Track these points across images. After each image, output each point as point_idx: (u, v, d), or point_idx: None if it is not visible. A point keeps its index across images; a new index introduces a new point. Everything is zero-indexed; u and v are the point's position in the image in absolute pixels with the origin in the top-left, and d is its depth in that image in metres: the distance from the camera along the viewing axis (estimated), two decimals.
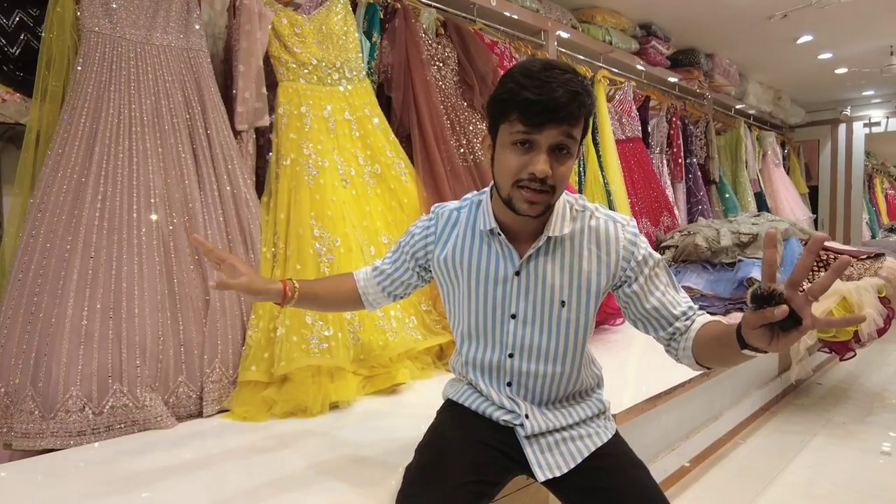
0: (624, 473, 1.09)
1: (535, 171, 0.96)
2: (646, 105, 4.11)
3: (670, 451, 2.11)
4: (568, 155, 0.98)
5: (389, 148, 2.22)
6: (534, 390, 1.14)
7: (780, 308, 0.75)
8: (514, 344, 1.11)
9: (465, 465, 1.07)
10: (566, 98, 0.93)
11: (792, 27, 4.21)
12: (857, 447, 2.48)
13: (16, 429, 1.42)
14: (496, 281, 1.10)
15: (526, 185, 0.98)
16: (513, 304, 1.09)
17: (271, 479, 1.26)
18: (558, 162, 0.97)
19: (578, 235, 1.08)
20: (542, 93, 0.92)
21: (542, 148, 0.96)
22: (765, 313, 0.77)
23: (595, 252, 1.08)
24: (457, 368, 1.25)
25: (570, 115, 0.94)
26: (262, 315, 1.78)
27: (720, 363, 1.04)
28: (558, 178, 0.98)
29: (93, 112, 1.65)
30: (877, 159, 9.48)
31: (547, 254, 1.08)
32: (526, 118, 0.95)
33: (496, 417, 1.15)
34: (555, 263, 1.07)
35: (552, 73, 0.94)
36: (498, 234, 1.09)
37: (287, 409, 1.65)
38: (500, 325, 1.11)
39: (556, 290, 1.07)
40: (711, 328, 1.00)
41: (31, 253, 1.53)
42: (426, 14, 2.54)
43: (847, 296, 2.83)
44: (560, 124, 0.94)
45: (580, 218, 1.10)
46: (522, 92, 0.94)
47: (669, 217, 3.92)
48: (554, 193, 1.00)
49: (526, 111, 0.94)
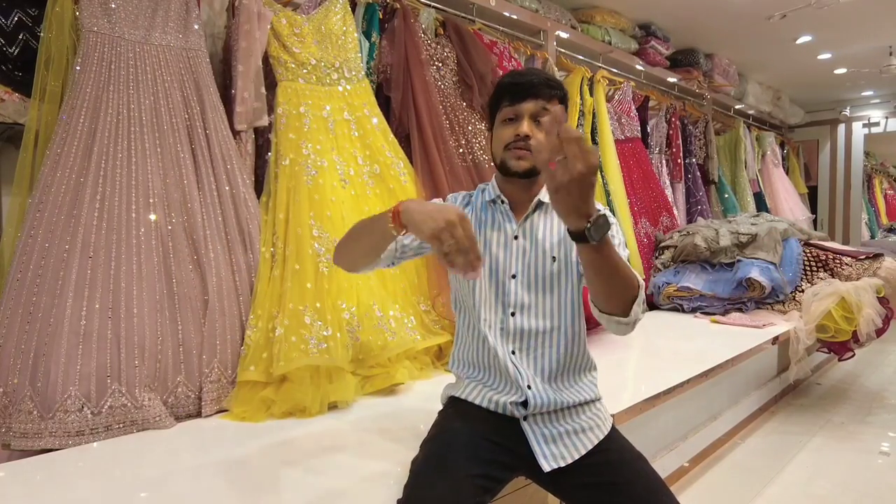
0: (628, 466, 1.11)
1: (520, 130, 1.20)
2: (645, 105, 4.11)
3: (669, 451, 2.12)
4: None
5: (388, 148, 2.22)
6: (535, 355, 1.19)
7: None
8: (515, 302, 1.21)
9: (471, 459, 1.09)
10: (540, 81, 1.21)
11: (791, 27, 4.21)
12: (855, 447, 2.48)
13: (14, 429, 1.42)
14: (499, 245, 1.24)
15: (513, 147, 1.21)
16: (513, 265, 1.22)
17: (270, 480, 1.26)
18: (538, 129, 1.19)
19: None
20: (521, 78, 1.23)
21: (524, 116, 1.21)
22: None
23: None
24: (458, 362, 1.27)
25: (542, 92, 1.20)
26: (260, 315, 1.78)
27: (592, 282, 1.03)
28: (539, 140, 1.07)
29: (91, 112, 1.64)
30: (876, 159, 9.48)
31: (541, 215, 1.25)
32: (510, 96, 1.22)
33: (501, 404, 1.17)
34: (546, 225, 1.24)
35: (531, 71, 1.27)
36: (502, 201, 1.27)
37: (285, 409, 1.65)
38: (503, 286, 1.22)
39: (547, 248, 1.22)
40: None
41: (29, 253, 1.53)
42: (425, 14, 2.54)
43: (845, 296, 2.83)
44: (536, 98, 1.20)
45: None
46: (509, 83, 1.24)
47: (668, 217, 3.93)
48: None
49: (509, 91, 1.22)
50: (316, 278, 1.83)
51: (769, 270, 3.14)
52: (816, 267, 3.31)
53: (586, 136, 3.46)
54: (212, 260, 1.74)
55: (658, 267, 3.62)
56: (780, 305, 3.18)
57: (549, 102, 1.21)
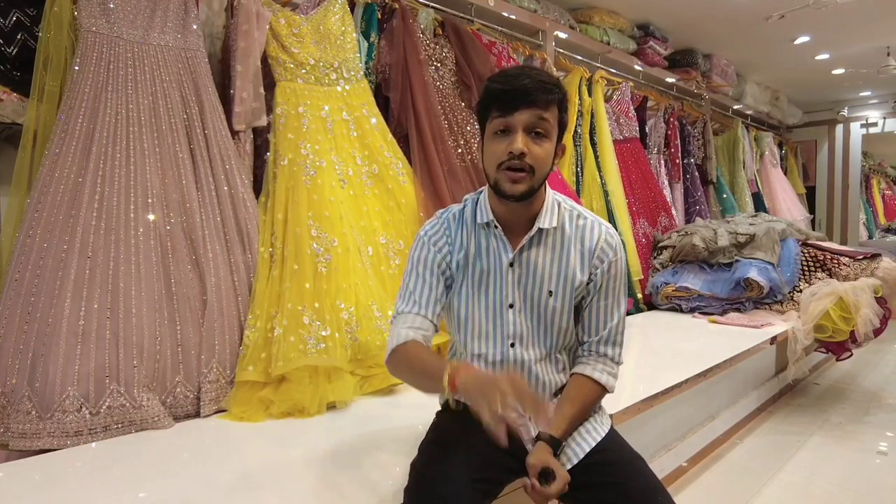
0: (626, 467, 1.11)
1: (513, 148, 1.05)
2: (643, 105, 4.11)
3: (667, 451, 2.12)
4: (544, 137, 1.08)
5: (387, 148, 2.22)
6: (536, 380, 1.19)
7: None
8: (514, 333, 1.17)
9: (471, 463, 1.08)
10: (534, 85, 1.05)
11: (789, 28, 4.22)
12: (853, 447, 2.49)
13: (13, 429, 1.42)
14: (494, 272, 1.17)
15: (508, 166, 1.07)
16: (510, 294, 1.16)
17: (269, 480, 1.26)
18: (535, 143, 1.07)
19: (568, 231, 1.17)
20: (513, 83, 1.06)
21: (518, 129, 1.06)
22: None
23: (579, 249, 1.17)
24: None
25: (539, 100, 1.05)
26: (259, 315, 1.78)
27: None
28: (536, 158, 1.07)
29: (90, 112, 1.64)
30: (874, 160, 9.50)
31: (538, 245, 1.16)
32: (500, 106, 1.06)
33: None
34: (545, 255, 1.16)
35: (523, 71, 1.08)
36: (495, 226, 1.16)
37: (284, 410, 1.65)
38: (500, 316, 1.17)
39: (544, 280, 1.16)
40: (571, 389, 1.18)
41: (27, 253, 1.53)
42: (424, 14, 2.54)
43: (843, 296, 2.83)
44: (530, 107, 1.05)
45: (569, 215, 1.19)
46: (497, 88, 1.07)
47: (667, 217, 3.93)
48: (534, 174, 1.08)
49: (499, 100, 1.06)
50: (315, 278, 1.83)
51: (767, 270, 3.15)
52: (814, 267, 3.32)
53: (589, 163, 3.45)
54: (210, 260, 1.74)
55: (656, 267, 3.62)
56: (779, 305, 3.18)
57: (547, 110, 1.07)
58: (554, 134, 1.09)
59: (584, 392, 1.17)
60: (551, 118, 1.08)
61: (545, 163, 1.09)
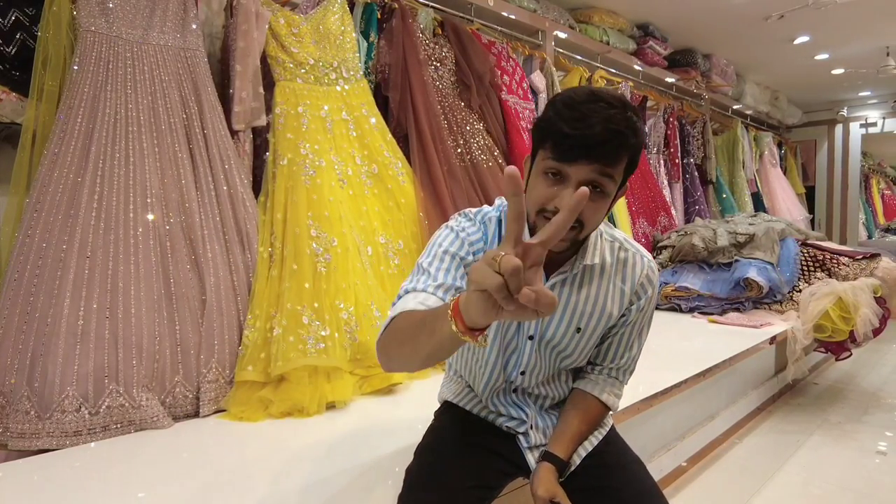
0: (623, 471, 1.10)
1: (561, 205, 0.87)
2: (643, 105, 4.11)
3: (667, 451, 2.12)
4: (602, 194, 0.90)
5: (387, 148, 2.22)
6: (538, 396, 1.17)
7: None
8: (527, 363, 1.10)
9: (466, 468, 1.07)
10: (604, 136, 0.85)
11: (789, 28, 4.22)
12: (852, 447, 2.49)
13: (11, 429, 1.42)
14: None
15: (549, 216, 0.91)
16: (532, 327, 1.06)
17: (268, 480, 1.26)
18: (590, 199, 0.81)
19: (609, 266, 1.06)
20: (578, 127, 0.85)
21: (572, 183, 0.88)
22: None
23: (619, 286, 1.07)
24: (455, 367, 1.25)
25: (607, 153, 0.87)
26: (258, 315, 1.78)
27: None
28: (587, 217, 0.91)
29: (89, 111, 1.64)
30: (873, 160, 9.51)
31: (573, 282, 1.03)
32: (557, 151, 0.88)
33: (499, 423, 1.15)
34: (580, 293, 1.04)
35: (595, 107, 0.86)
36: None
37: (283, 409, 1.65)
38: (517, 346, 1.09)
39: (575, 316, 1.06)
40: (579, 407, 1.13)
41: (27, 253, 1.53)
42: (423, 14, 2.54)
43: (843, 296, 2.84)
44: (593, 162, 0.87)
45: (609, 247, 1.07)
46: (558, 122, 0.87)
47: (666, 217, 3.93)
48: (581, 230, 0.93)
49: (558, 144, 0.87)
50: (314, 278, 1.83)
51: (767, 270, 3.15)
52: (814, 267, 3.32)
53: None
54: (210, 260, 1.74)
55: None
56: (778, 305, 3.18)
57: (615, 165, 0.88)
58: (614, 190, 0.92)
59: (592, 412, 1.13)
60: (616, 171, 0.89)
61: (597, 220, 0.94)
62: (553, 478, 1.04)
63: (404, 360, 0.87)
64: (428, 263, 0.98)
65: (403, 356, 0.87)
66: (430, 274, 0.96)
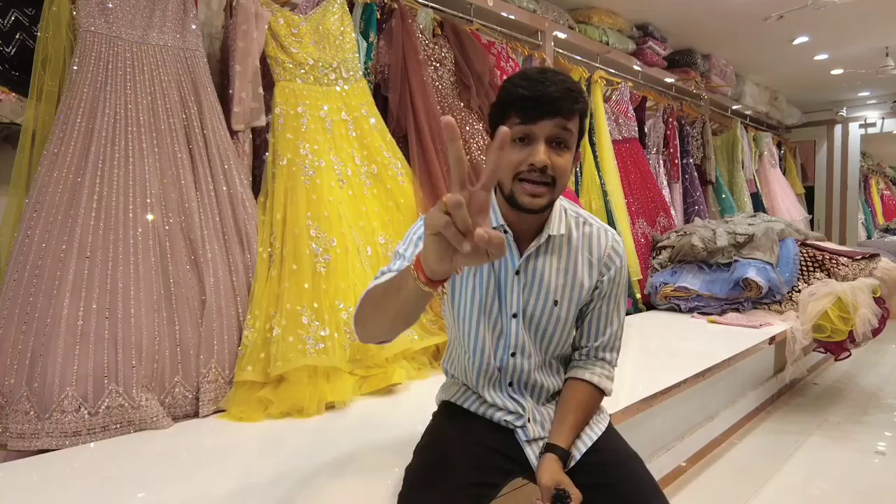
0: (622, 467, 1.10)
1: (535, 160, 0.99)
2: (642, 105, 4.11)
3: (666, 451, 2.12)
4: (565, 148, 1.02)
5: (386, 148, 2.22)
6: (533, 388, 1.17)
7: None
8: (516, 343, 1.13)
9: (466, 467, 1.07)
10: (560, 93, 0.99)
11: (788, 28, 4.22)
12: (852, 447, 2.49)
13: (11, 429, 1.42)
14: (498, 281, 1.12)
15: (527, 178, 1.01)
16: (514, 304, 1.12)
17: (267, 480, 1.26)
18: (556, 154, 1.01)
19: (575, 238, 1.14)
20: (538, 89, 0.99)
21: (540, 139, 1.00)
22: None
23: (587, 257, 1.14)
24: (451, 372, 1.26)
25: (563, 108, 0.99)
26: (258, 315, 1.78)
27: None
28: (558, 170, 1.01)
29: (89, 112, 1.64)
30: (872, 160, 9.51)
31: (546, 253, 1.12)
32: (522, 113, 1.00)
33: (497, 419, 1.16)
34: (552, 264, 1.12)
35: (546, 74, 1.01)
36: (505, 231, 1.10)
37: (283, 410, 1.65)
38: (503, 325, 1.13)
39: (550, 289, 1.12)
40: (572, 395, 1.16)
41: (26, 253, 1.53)
42: (423, 14, 2.54)
43: (842, 296, 2.84)
44: (554, 116, 0.99)
45: (574, 222, 1.15)
46: (518, 90, 1.00)
47: (666, 217, 3.93)
48: (555, 186, 1.03)
49: (522, 107, 0.99)
50: (313, 278, 1.83)
51: (766, 270, 3.15)
52: (813, 267, 3.32)
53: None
54: (209, 260, 1.74)
55: (655, 267, 3.62)
56: (777, 305, 3.19)
57: (571, 119, 1.01)
58: (574, 143, 1.05)
59: (586, 398, 1.16)
60: (573, 127, 1.03)
61: (566, 174, 1.04)
62: (557, 467, 1.05)
63: (375, 323, 0.96)
64: (403, 249, 1.08)
65: (374, 319, 0.95)
66: (406, 258, 1.05)
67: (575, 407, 1.14)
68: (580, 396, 1.15)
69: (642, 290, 3.54)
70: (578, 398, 1.15)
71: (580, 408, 1.14)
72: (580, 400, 1.15)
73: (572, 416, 1.12)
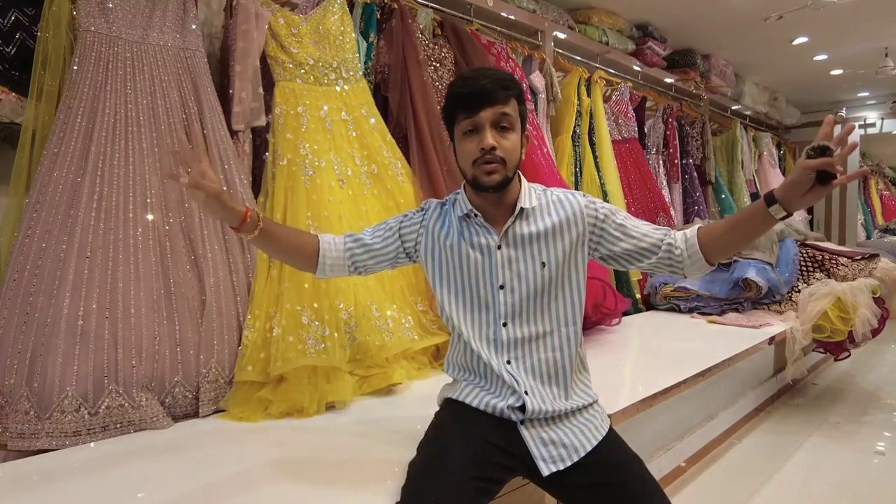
0: (623, 468, 1.11)
1: (484, 144, 1.14)
2: (642, 106, 4.12)
3: (666, 451, 2.12)
4: (509, 130, 1.17)
5: (386, 148, 2.22)
6: (531, 361, 1.19)
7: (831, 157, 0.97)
8: (506, 312, 1.20)
9: (468, 461, 1.08)
10: (490, 83, 1.14)
11: (787, 29, 4.23)
12: (851, 447, 2.49)
13: (11, 429, 1.42)
14: (481, 257, 1.21)
15: (482, 161, 1.15)
16: (499, 276, 1.20)
17: (267, 480, 1.26)
18: (502, 136, 1.16)
19: (545, 206, 1.24)
20: (472, 85, 1.16)
21: (485, 126, 1.15)
22: (825, 159, 0.97)
23: (562, 214, 1.23)
24: (453, 365, 1.27)
25: (499, 96, 1.15)
26: (258, 315, 1.78)
27: (736, 242, 1.19)
28: (506, 150, 1.16)
29: (89, 111, 1.64)
30: (872, 160, 9.52)
31: (522, 222, 1.22)
32: (465, 107, 1.16)
33: (499, 409, 1.17)
34: (531, 231, 1.21)
35: (479, 72, 1.19)
36: (475, 215, 1.22)
37: (283, 410, 1.65)
38: (490, 298, 1.20)
39: (535, 253, 1.20)
40: (717, 224, 1.19)
41: (26, 252, 1.53)
42: (423, 14, 2.54)
43: (841, 296, 2.84)
44: (493, 105, 1.14)
45: (545, 195, 1.27)
46: (459, 90, 1.17)
47: (665, 217, 3.93)
48: (506, 164, 1.16)
49: (464, 102, 1.16)
50: (313, 278, 1.83)
51: (766, 271, 3.15)
52: (813, 267, 3.32)
53: (582, 135, 3.46)
54: (209, 260, 1.74)
55: None
56: (777, 306, 3.19)
57: (507, 105, 1.16)
58: (518, 125, 1.18)
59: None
60: (513, 111, 1.17)
61: (514, 152, 1.18)
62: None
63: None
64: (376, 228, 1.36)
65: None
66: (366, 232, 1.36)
67: (726, 220, 1.18)
68: (711, 223, 1.20)
69: (642, 290, 3.54)
70: (712, 223, 1.20)
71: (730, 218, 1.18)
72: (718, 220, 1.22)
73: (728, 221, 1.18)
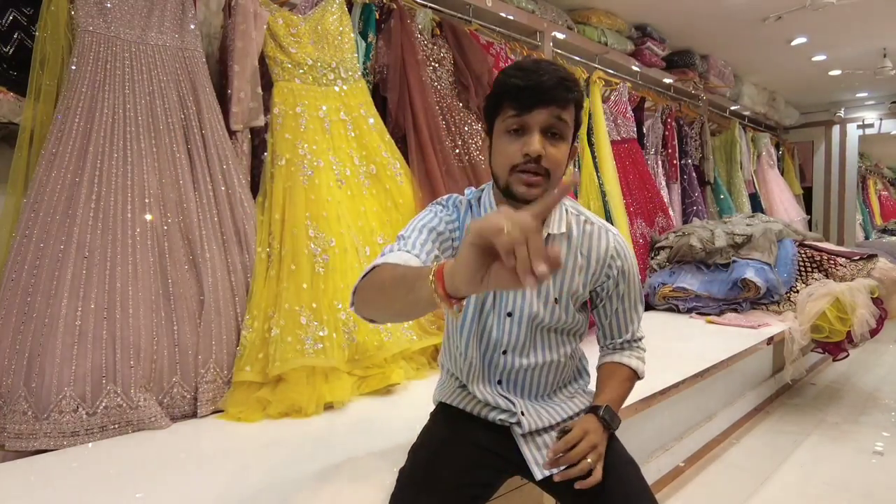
0: (614, 471, 1.09)
1: (530, 150, 0.97)
2: (641, 106, 4.12)
3: (664, 451, 2.12)
4: (560, 138, 1.01)
5: (385, 148, 2.22)
6: (524, 384, 1.16)
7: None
8: (508, 341, 1.11)
9: (459, 467, 1.07)
10: (553, 82, 0.97)
11: (786, 29, 4.23)
12: (849, 447, 2.49)
13: (8, 429, 1.41)
14: None
15: (522, 169, 1.00)
16: (509, 302, 1.10)
17: (265, 480, 1.26)
18: (551, 144, 1.00)
19: (574, 237, 1.12)
20: (532, 78, 0.97)
21: (534, 129, 0.98)
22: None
23: (586, 257, 1.12)
24: (446, 365, 1.25)
25: (558, 97, 0.98)
26: (256, 315, 1.77)
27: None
28: (552, 161, 1.00)
29: (87, 112, 1.64)
30: (870, 161, 9.52)
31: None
32: (516, 103, 0.98)
33: (491, 418, 1.15)
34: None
35: (541, 64, 1.00)
36: None
37: (281, 410, 1.65)
38: (496, 324, 1.11)
39: (551, 288, 1.10)
40: (607, 376, 1.18)
41: (24, 253, 1.52)
42: (422, 14, 2.54)
43: (840, 296, 2.84)
44: (548, 105, 0.97)
45: (575, 220, 1.13)
46: (513, 80, 0.99)
47: (664, 218, 3.94)
48: (550, 179, 1.02)
49: (516, 97, 0.98)
50: (312, 278, 1.83)
51: (764, 271, 3.15)
52: (811, 268, 3.33)
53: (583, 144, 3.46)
54: (208, 260, 1.74)
55: (654, 267, 3.63)
56: (775, 306, 3.19)
57: (565, 109, 0.99)
58: (570, 135, 1.03)
59: (621, 376, 1.17)
60: (569, 118, 1.01)
61: (561, 166, 1.02)
62: (590, 418, 1.08)
63: (378, 308, 0.94)
64: (408, 235, 1.05)
65: (378, 304, 0.93)
66: (411, 241, 1.03)
67: (612, 383, 1.16)
68: (614, 375, 1.17)
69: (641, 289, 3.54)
70: (612, 377, 1.17)
71: (616, 383, 1.16)
72: (614, 378, 1.17)
73: (609, 390, 1.15)
